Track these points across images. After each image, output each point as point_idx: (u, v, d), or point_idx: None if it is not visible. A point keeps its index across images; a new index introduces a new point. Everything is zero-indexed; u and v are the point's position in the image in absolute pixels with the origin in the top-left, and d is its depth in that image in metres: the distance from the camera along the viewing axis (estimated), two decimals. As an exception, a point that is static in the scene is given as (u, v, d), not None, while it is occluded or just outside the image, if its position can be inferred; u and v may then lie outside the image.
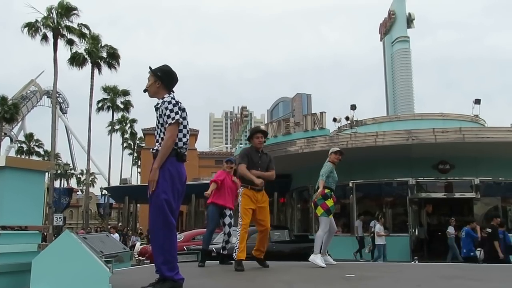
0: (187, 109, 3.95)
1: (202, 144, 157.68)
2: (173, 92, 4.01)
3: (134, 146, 55.16)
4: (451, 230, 15.63)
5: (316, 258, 6.37)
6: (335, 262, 6.72)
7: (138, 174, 55.56)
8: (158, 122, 3.88)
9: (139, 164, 55.36)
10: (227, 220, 6.92)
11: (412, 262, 13.35)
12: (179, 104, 3.86)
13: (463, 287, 4.68)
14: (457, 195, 17.31)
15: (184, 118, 3.88)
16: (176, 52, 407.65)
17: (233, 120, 30.86)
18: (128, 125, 51.03)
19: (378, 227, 14.97)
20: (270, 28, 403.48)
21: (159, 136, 3.87)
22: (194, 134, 51.36)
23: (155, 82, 3.96)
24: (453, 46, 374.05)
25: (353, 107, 19.95)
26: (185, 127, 3.90)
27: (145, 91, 4.02)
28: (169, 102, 3.81)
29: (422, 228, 17.59)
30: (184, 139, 3.89)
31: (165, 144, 3.73)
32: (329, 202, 6.59)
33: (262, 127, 21.80)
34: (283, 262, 7.55)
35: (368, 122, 20.72)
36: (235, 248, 5.86)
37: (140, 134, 53.02)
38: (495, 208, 17.40)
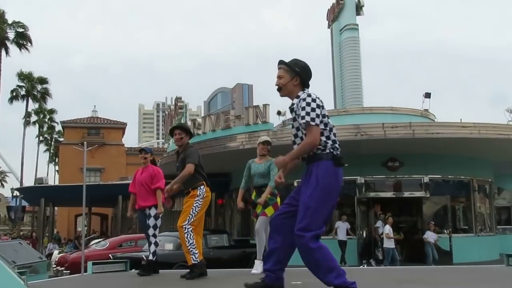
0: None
1: (131, 139, 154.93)
2: (308, 87, 3.83)
3: (51, 141, 53.06)
4: (430, 236, 15.69)
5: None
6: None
7: (56, 173, 53.54)
8: (293, 127, 3.81)
9: (56, 161, 53.31)
10: (151, 221, 6.62)
11: (361, 267, 13.78)
12: (317, 100, 3.67)
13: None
14: (406, 194, 17.89)
15: (325, 116, 3.69)
16: (100, 36, 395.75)
17: (166, 113, 30.47)
18: (47, 116, 49.09)
19: (387, 228, 14.91)
20: (208, 13, 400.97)
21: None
22: (121, 127, 50.22)
23: (292, 79, 3.77)
24: (401, 38, 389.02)
25: (299, 99, 20.19)
26: (331, 129, 3.75)
27: (278, 89, 3.84)
28: (304, 100, 3.64)
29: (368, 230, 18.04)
30: (338, 143, 3.78)
31: (303, 146, 3.65)
32: (279, 201, 6.51)
33: (199, 120, 21.65)
34: (222, 269, 7.54)
35: (315, 116, 21.00)
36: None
37: (58, 127, 51.20)
38: (444, 208, 18.27)
